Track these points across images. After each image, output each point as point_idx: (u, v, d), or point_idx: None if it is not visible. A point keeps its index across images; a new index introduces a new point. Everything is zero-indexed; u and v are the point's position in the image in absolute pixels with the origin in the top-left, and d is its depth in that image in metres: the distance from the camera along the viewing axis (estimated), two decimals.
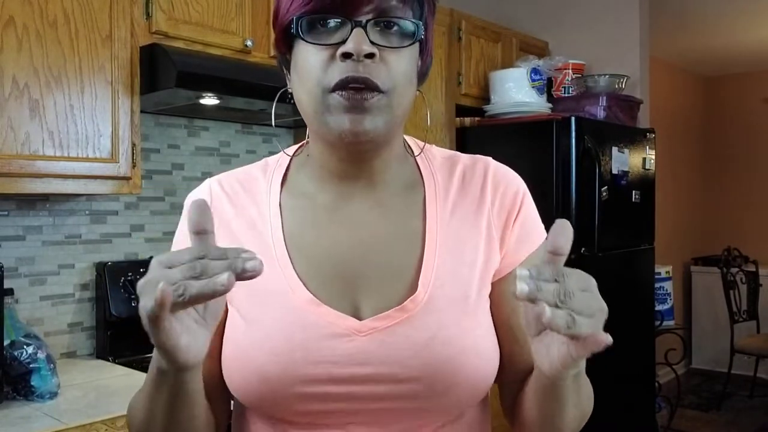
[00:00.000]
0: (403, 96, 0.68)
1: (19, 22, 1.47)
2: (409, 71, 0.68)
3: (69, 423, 1.31)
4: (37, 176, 1.51)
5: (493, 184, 0.75)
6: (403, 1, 0.66)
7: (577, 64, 2.91)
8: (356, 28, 0.64)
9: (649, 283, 2.96)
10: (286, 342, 0.66)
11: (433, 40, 0.75)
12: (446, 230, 0.72)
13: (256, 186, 0.78)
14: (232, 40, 1.86)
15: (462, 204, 0.74)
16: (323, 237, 0.72)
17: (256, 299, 0.69)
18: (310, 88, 0.68)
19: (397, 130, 0.71)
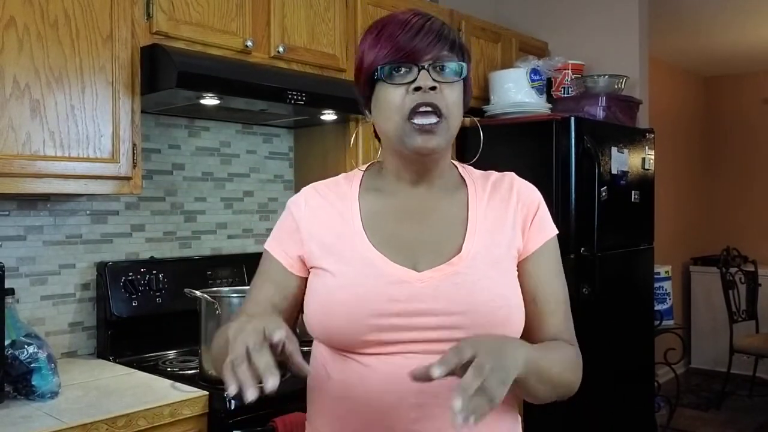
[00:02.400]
0: (456, 120, 0.95)
1: (19, 22, 1.47)
2: (459, 101, 0.95)
3: (70, 422, 1.31)
4: (38, 176, 1.51)
5: (518, 191, 1.02)
6: (451, 51, 0.94)
7: (576, 65, 2.91)
8: (422, 71, 0.92)
9: (649, 283, 2.96)
10: (364, 286, 0.92)
11: (471, 79, 1.01)
12: (483, 218, 0.98)
13: (341, 188, 1.04)
14: (233, 41, 1.87)
15: (493, 201, 1.00)
16: (392, 220, 0.98)
17: (341, 260, 0.95)
18: (392, 116, 0.94)
19: (450, 146, 0.99)
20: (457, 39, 0.97)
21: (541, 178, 2.49)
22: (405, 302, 0.90)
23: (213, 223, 2.21)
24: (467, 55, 0.98)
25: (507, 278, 0.96)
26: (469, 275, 0.92)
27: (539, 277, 0.99)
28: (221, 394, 1.51)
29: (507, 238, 0.98)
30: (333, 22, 2.15)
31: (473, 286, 0.91)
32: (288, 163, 2.43)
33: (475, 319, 0.90)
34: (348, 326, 0.91)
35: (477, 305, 0.90)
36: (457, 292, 0.91)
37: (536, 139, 2.53)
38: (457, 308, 0.90)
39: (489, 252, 0.95)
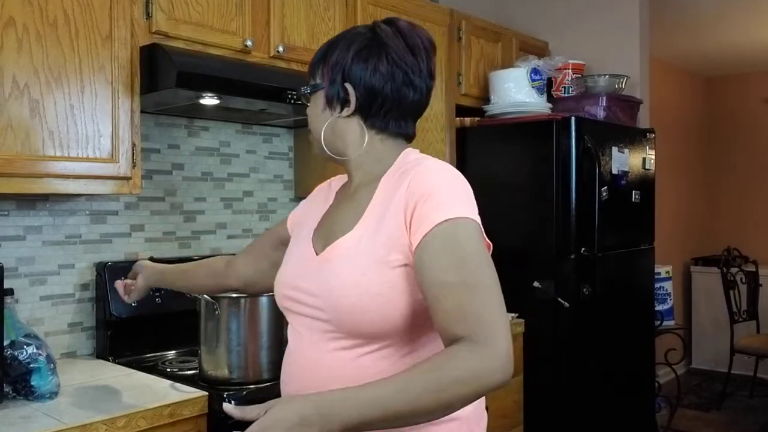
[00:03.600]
0: (314, 128, 1.13)
1: (19, 22, 1.47)
2: (312, 113, 1.12)
3: (69, 423, 1.31)
4: (37, 176, 1.51)
5: (410, 181, 1.00)
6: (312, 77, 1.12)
7: (577, 64, 2.91)
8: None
9: (649, 283, 2.96)
10: (289, 262, 1.14)
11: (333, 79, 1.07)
12: (371, 210, 1.03)
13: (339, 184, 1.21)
14: (232, 40, 1.86)
15: (391, 193, 1.02)
16: (331, 209, 1.15)
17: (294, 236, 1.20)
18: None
19: (332, 147, 1.11)
20: (315, 58, 1.11)
21: (542, 178, 2.50)
22: (299, 279, 1.07)
23: (212, 223, 2.21)
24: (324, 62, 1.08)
25: (372, 269, 0.96)
26: (333, 262, 1.01)
27: (423, 270, 0.93)
28: (221, 395, 1.51)
29: (388, 229, 0.98)
30: (333, 22, 2.15)
31: (330, 273, 1.00)
32: (288, 163, 2.43)
33: (329, 304, 1.00)
34: (275, 292, 1.14)
35: (329, 291, 0.99)
36: (320, 276, 1.02)
37: (536, 139, 2.53)
38: (318, 292, 1.02)
39: (362, 243, 1.00)
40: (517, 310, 2.47)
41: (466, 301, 0.89)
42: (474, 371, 0.85)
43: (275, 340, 1.62)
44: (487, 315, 0.88)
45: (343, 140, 1.09)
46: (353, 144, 1.08)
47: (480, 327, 0.87)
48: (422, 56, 1.05)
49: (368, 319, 0.97)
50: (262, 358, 1.61)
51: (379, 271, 0.96)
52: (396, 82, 1.04)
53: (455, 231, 0.93)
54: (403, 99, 1.05)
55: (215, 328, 1.59)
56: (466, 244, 0.93)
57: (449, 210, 0.94)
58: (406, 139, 1.11)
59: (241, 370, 1.59)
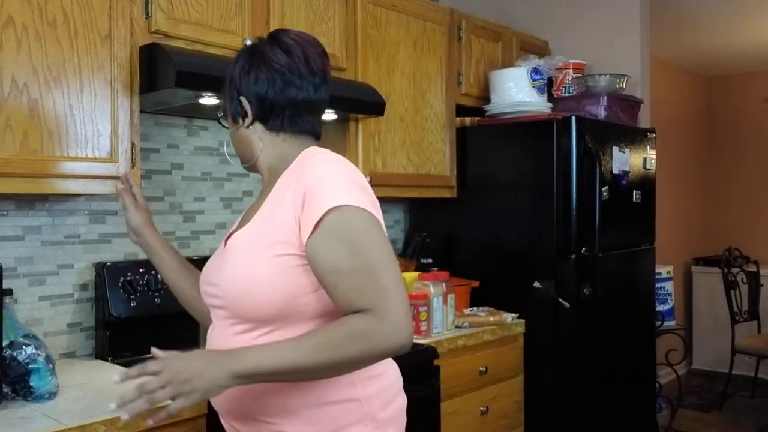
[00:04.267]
0: (235, 145, 1.22)
1: (18, 21, 1.47)
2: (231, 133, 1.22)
3: (68, 423, 1.31)
4: (36, 176, 1.50)
5: (300, 174, 1.07)
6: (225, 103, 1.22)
7: (577, 64, 2.90)
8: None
9: (650, 284, 2.95)
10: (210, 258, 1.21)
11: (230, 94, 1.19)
12: (266, 204, 1.12)
13: None
14: (232, 40, 1.86)
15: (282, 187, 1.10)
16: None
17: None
18: None
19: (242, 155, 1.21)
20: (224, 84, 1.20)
21: (542, 178, 2.50)
22: (208, 273, 1.17)
23: (212, 223, 2.21)
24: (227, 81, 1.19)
25: (258, 258, 1.05)
26: (228, 254, 1.11)
27: (316, 258, 1.00)
28: None
29: (280, 220, 1.05)
30: (332, 21, 2.14)
31: (224, 263, 1.11)
32: None
33: (222, 291, 1.10)
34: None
35: (221, 279, 1.10)
36: (219, 268, 1.12)
37: (537, 138, 2.52)
38: (215, 281, 1.12)
39: (254, 234, 1.09)
40: (518, 310, 2.46)
41: (361, 283, 0.97)
42: (364, 331, 0.95)
43: None
44: (381, 290, 0.97)
45: (249, 147, 1.18)
46: (256, 148, 1.18)
47: (376, 299, 0.96)
48: (299, 56, 1.14)
49: (254, 303, 1.05)
50: None
51: (265, 260, 1.04)
52: (276, 85, 1.13)
53: (342, 218, 1.00)
54: (290, 99, 1.14)
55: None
56: (354, 229, 1.00)
57: (333, 199, 1.00)
58: (313, 135, 1.19)
59: None
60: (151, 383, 0.93)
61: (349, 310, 0.98)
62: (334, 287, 0.99)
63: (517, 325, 2.45)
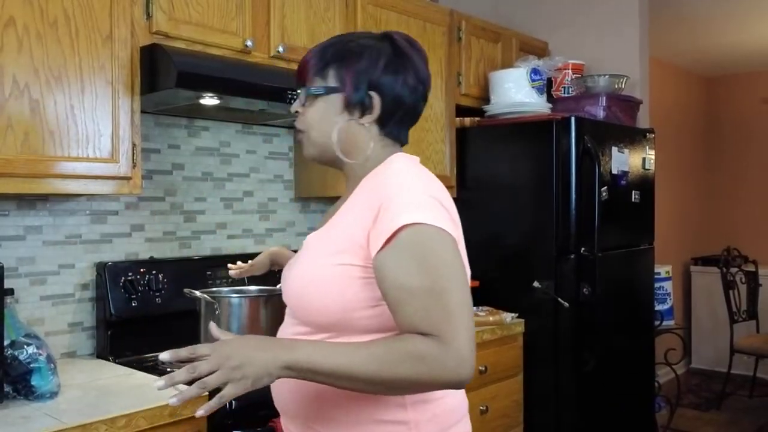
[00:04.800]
0: (317, 131, 1.11)
1: (19, 22, 1.47)
2: (318, 115, 1.11)
3: (69, 423, 1.31)
4: (38, 176, 1.51)
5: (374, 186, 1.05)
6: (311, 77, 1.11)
7: (576, 65, 2.91)
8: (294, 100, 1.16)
9: (649, 283, 2.96)
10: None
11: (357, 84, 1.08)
12: (337, 215, 1.10)
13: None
14: (233, 41, 1.86)
15: (356, 196, 1.08)
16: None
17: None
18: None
19: (336, 151, 1.10)
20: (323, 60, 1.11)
21: (542, 178, 2.50)
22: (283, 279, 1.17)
23: (213, 223, 2.21)
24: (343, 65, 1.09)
25: (320, 262, 1.04)
26: (297, 260, 1.12)
27: (385, 273, 0.95)
28: None
29: (350, 228, 1.03)
30: (333, 22, 2.15)
31: (290, 268, 1.12)
32: (288, 163, 2.43)
33: (286, 289, 1.11)
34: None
35: (286, 282, 1.12)
36: (291, 264, 1.13)
37: (536, 139, 2.53)
38: (285, 275, 1.14)
39: (323, 239, 1.08)
40: (517, 310, 2.47)
41: (428, 306, 0.91)
42: (425, 356, 0.89)
43: None
44: (448, 315, 0.91)
45: (354, 144, 1.10)
46: (361, 149, 1.11)
47: (442, 325, 0.90)
48: (428, 71, 1.14)
49: (311, 308, 1.04)
50: None
51: (328, 267, 1.03)
52: (416, 95, 1.11)
53: (415, 235, 0.94)
54: (416, 110, 1.13)
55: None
56: (427, 248, 0.94)
57: (409, 215, 0.95)
58: (401, 145, 1.17)
59: None
60: (201, 366, 0.88)
61: (412, 331, 0.92)
62: (398, 306, 0.94)
63: (517, 325, 2.45)
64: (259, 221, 2.34)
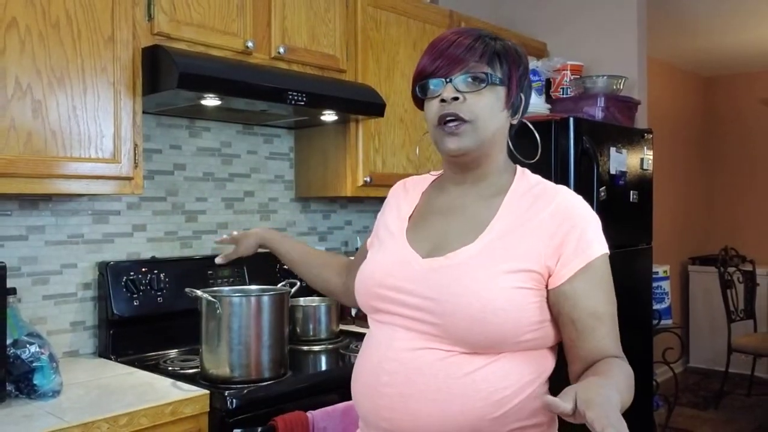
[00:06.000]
0: (485, 122, 1.05)
1: (21, 23, 1.48)
2: (487, 105, 1.05)
3: (71, 421, 1.32)
4: (40, 176, 1.52)
5: (558, 204, 1.04)
6: (480, 61, 1.04)
7: (575, 65, 2.92)
8: (448, 84, 1.05)
9: (647, 282, 2.97)
10: (381, 261, 1.11)
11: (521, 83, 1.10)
12: (505, 224, 1.04)
13: (421, 182, 1.22)
14: (234, 42, 1.87)
15: (526, 211, 1.04)
16: (430, 213, 1.13)
17: (380, 241, 1.17)
18: (429, 126, 1.09)
19: (487, 148, 1.07)
20: (491, 48, 1.05)
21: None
22: (399, 279, 1.05)
23: (214, 223, 2.22)
24: (510, 60, 1.07)
25: (501, 281, 0.98)
26: (455, 270, 1.01)
27: (577, 299, 1.00)
28: (222, 393, 1.52)
29: (527, 246, 1.00)
30: (333, 23, 2.16)
31: (453, 280, 1.00)
32: (288, 163, 2.44)
33: (443, 308, 0.99)
34: (361, 291, 1.12)
35: (450, 297, 0.99)
36: (437, 281, 1.01)
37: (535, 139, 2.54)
38: (432, 295, 1.01)
39: (493, 254, 1.01)
40: None
41: (614, 331, 1.03)
42: (631, 376, 0.99)
43: (276, 339, 1.64)
44: (618, 338, 1.04)
45: (501, 143, 1.11)
46: (502, 149, 1.11)
47: (619, 347, 1.03)
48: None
49: (485, 331, 0.97)
50: (263, 356, 1.62)
51: (505, 290, 0.98)
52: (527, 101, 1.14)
53: (605, 265, 1.03)
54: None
55: (217, 326, 1.60)
56: (610, 277, 1.04)
57: (602, 246, 1.03)
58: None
59: (242, 369, 1.60)
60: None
61: (603, 352, 1.00)
62: (591, 331, 1.00)
63: None
64: (259, 221, 2.35)
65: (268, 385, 1.59)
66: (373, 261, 1.13)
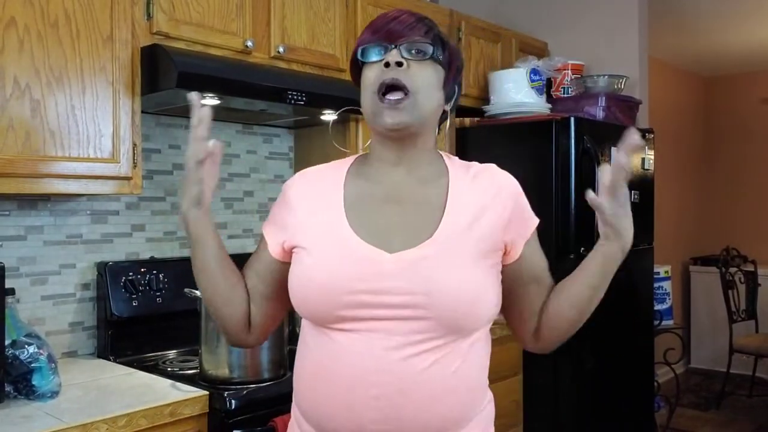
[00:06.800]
0: (426, 99, 1.01)
1: (20, 22, 1.47)
2: (429, 80, 1.01)
3: (70, 422, 1.31)
4: (39, 176, 1.51)
5: (499, 183, 1.08)
6: (426, 36, 1.01)
7: (576, 65, 2.91)
8: (393, 49, 1.00)
9: (648, 283, 2.97)
10: (338, 265, 0.98)
11: (456, 76, 1.08)
12: (461, 205, 1.03)
13: (329, 173, 1.10)
14: (233, 41, 1.87)
15: (474, 190, 1.05)
16: (372, 203, 1.04)
17: (319, 242, 1.01)
18: (366, 93, 1.02)
19: (424, 125, 1.03)
20: (436, 30, 1.04)
21: (541, 178, 2.51)
22: (373, 281, 0.97)
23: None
24: (450, 50, 1.06)
25: (477, 264, 1.00)
26: (436, 259, 0.97)
27: (534, 260, 1.10)
28: (221, 394, 1.52)
29: (487, 227, 1.03)
30: (333, 23, 2.15)
31: (437, 269, 0.97)
32: (288, 163, 2.43)
33: (436, 300, 0.95)
34: (322, 301, 0.98)
35: (439, 287, 0.96)
36: (421, 273, 0.96)
37: (536, 139, 2.53)
38: (419, 289, 0.95)
39: (463, 238, 1.00)
40: None
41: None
42: None
43: (275, 340, 1.63)
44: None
45: (434, 126, 1.08)
46: (433, 132, 1.09)
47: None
48: None
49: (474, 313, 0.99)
50: (262, 357, 1.61)
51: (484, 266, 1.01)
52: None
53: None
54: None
55: (216, 327, 1.59)
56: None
57: (532, 211, 1.12)
58: None
59: (241, 370, 1.59)
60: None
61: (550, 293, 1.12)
62: (546, 279, 1.13)
63: None
64: (259, 221, 2.34)
65: (268, 386, 1.59)
66: (321, 266, 0.99)
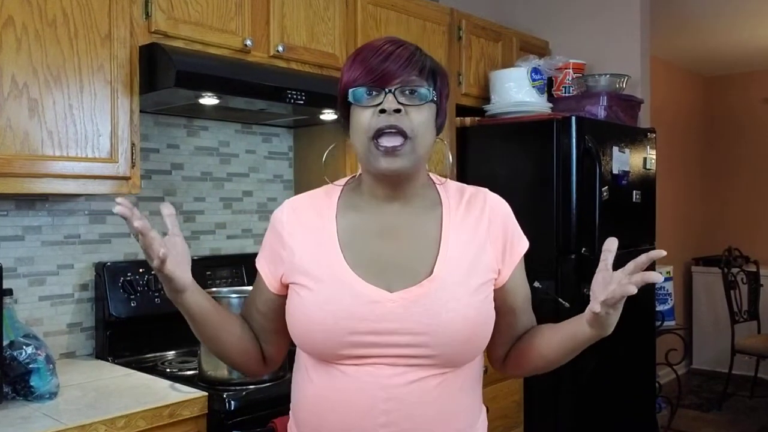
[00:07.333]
0: (424, 140, 1.00)
1: (18, 21, 1.47)
2: (427, 122, 1.00)
3: (68, 423, 1.31)
4: (36, 176, 1.50)
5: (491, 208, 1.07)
6: (420, 75, 0.99)
7: (577, 64, 2.90)
8: (388, 94, 0.97)
9: (650, 284, 2.95)
10: (340, 305, 0.98)
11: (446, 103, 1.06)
12: (456, 237, 1.03)
13: (320, 203, 1.09)
14: (232, 40, 1.86)
15: (467, 220, 1.05)
16: (368, 239, 1.03)
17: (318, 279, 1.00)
18: (360, 137, 1.00)
19: (420, 165, 1.03)
20: (428, 64, 1.02)
21: (542, 178, 2.50)
22: (376, 322, 0.97)
23: (212, 223, 2.21)
24: (440, 78, 1.04)
25: (475, 297, 1.01)
26: (437, 297, 0.98)
27: (516, 289, 1.10)
28: (221, 395, 1.51)
29: (482, 257, 1.04)
30: (332, 22, 2.14)
31: (439, 308, 0.97)
32: (287, 162, 2.43)
33: (439, 338, 0.97)
34: (325, 342, 0.99)
35: (442, 326, 0.97)
36: (424, 313, 0.97)
37: (537, 138, 2.52)
38: (423, 329, 0.97)
39: (459, 272, 1.01)
40: None
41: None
42: None
43: None
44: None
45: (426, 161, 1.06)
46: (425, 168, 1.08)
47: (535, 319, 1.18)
48: None
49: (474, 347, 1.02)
50: None
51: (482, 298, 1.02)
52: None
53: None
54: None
55: None
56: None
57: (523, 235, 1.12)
58: None
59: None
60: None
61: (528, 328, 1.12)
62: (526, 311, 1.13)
63: None
64: (258, 221, 2.33)
65: (267, 387, 1.58)
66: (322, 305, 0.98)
